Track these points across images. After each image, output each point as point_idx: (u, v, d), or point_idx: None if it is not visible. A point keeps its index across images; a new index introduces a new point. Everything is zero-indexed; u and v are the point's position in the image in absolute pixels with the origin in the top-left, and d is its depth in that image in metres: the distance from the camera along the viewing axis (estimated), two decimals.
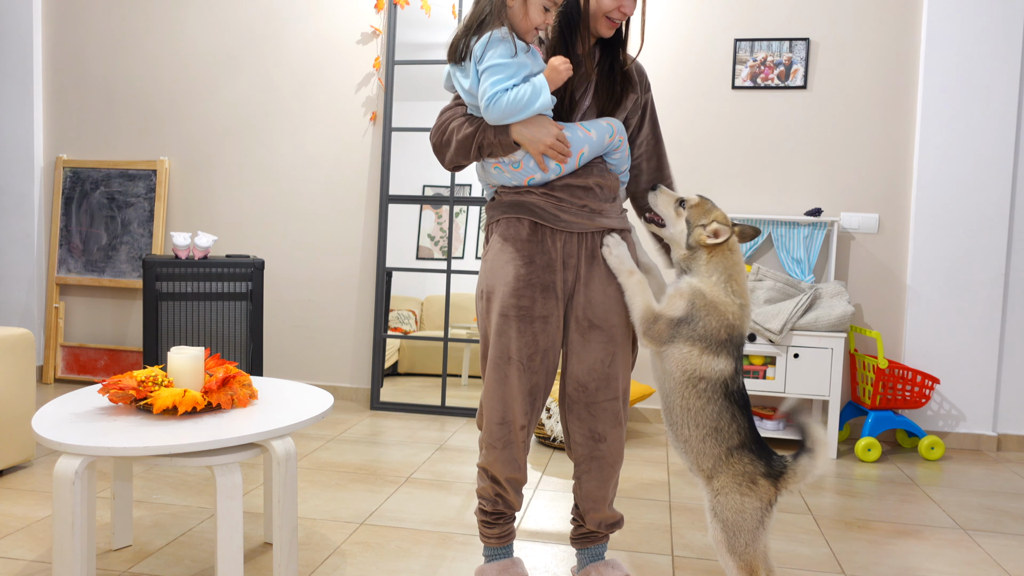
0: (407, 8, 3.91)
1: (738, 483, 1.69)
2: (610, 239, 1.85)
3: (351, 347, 4.07)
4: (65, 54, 4.29)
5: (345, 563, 2.10)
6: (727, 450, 1.70)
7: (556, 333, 1.87)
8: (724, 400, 1.71)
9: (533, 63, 1.74)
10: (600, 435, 1.89)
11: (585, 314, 1.86)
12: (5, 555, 2.08)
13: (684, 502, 2.68)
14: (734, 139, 3.70)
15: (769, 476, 1.69)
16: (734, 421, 1.71)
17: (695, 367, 1.71)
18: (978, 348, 3.51)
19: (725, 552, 1.70)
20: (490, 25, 1.72)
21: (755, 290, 3.41)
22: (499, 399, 1.85)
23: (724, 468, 1.71)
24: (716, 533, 1.71)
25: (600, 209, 1.86)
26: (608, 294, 1.86)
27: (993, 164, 3.46)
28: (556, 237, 1.84)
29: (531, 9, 1.73)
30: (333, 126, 4.04)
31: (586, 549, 2.00)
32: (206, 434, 1.71)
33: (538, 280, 1.84)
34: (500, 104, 1.68)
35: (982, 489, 2.96)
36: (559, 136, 1.74)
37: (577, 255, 1.85)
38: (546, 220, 1.83)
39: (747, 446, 1.71)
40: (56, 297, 4.28)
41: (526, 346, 1.83)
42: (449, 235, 3.97)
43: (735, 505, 1.69)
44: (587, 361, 1.87)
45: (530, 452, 3.24)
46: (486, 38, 1.70)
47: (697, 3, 3.69)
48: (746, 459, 1.70)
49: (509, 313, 1.83)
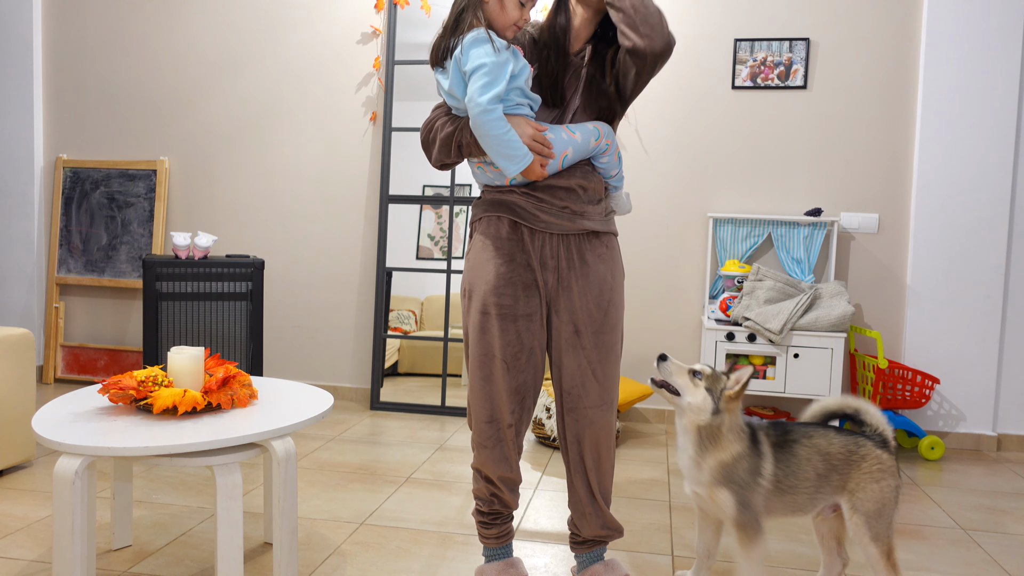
0: (407, 8, 3.91)
1: (868, 471, 1.77)
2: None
3: (351, 347, 4.07)
4: (65, 54, 4.29)
5: (345, 563, 2.10)
6: (835, 465, 1.78)
7: (541, 332, 1.87)
8: (799, 447, 1.79)
9: (514, 61, 1.70)
10: (585, 442, 1.88)
11: (569, 319, 1.85)
12: (5, 555, 2.08)
13: (684, 502, 2.68)
14: (734, 139, 3.70)
15: (882, 447, 1.79)
16: (818, 442, 1.79)
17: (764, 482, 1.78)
18: (978, 348, 3.51)
19: (868, 542, 1.76)
20: (467, 24, 1.70)
21: (755, 290, 3.41)
22: (486, 397, 1.85)
23: (846, 474, 1.78)
24: (858, 529, 1.77)
25: (582, 211, 1.84)
26: (589, 299, 1.84)
27: (993, 164, 3.46)
28: (535, 237, 1.83)
29: (507, 4, 1.71)
30: (333, 126, 4.04)
31: (584, 554, 2.00)
32: (206, 434, 1.70)
33: (519, 278, 1.83)
34: (490, 127, 1.66)
35: (982, 489, 2.96)
36: (535, 136, 1.72)
37: (557, 256, 1.84)
38: (525, 220, 1.82)
39: (843, 441, 1.80)
40: (56, 297, 4.28)
41: (509, 344, 1.83)
42: (449, 235, 3.97)
43: (875, 495, 1.76)
44: (570, 367, 1.86)
45: (531, 452, 3.24)
46: (468, 39, 1.67)
47: (697, 3, 3.69)
48: (856, 444, 1.79)
49: (490, 311, 1.83)
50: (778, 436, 1.80)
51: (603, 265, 1.87)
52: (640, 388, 3.47)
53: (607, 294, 1.86)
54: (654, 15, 1.69)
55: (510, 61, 1.69)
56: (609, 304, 1.86)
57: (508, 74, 1.67)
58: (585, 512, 1.93)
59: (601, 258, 1.87)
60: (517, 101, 1.74)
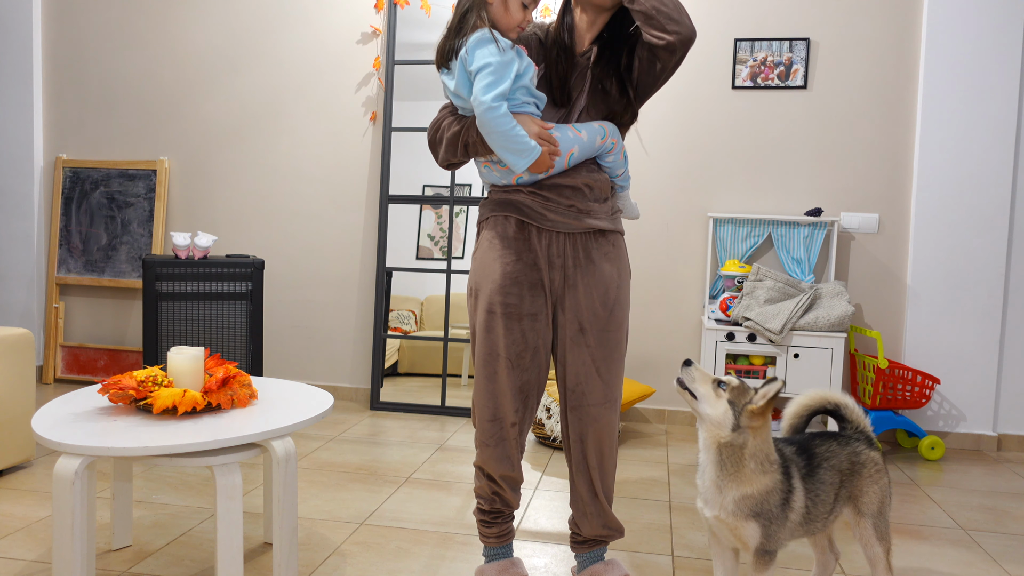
0: (407, 8, 3.91)
1: (868, 475, 1.77)
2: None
3: (351, 347, 4.07)
4: (65, 53, 4.29)
5: (345, 563, 2.10)
6: (844, 473, 1.76)
7: (546, 331, 1.87)
8: (822, 472, 1.74)
9: (519, 60, 1.72)
10: (588, 440, 1.88)
11: (574, 317, 1.85)
12: (5, 555, 2.08)
13: (684, 502, 2.68)
14: (734, 139, 3.70)
15: (870, 446, 1.80)
16: (833, 461, 1.76)
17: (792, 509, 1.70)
18: (978, 348, 3.51)
19: (875, 543, 1.77)
20: (472, 25, 1.72)
21: (755, 290, 3.41)
22: (489, 395, 1.86)
23: (853, 484, 1.77)
24: (865, 532, 1.77)
25: (588, 209, 1.85)
26: (595, 298, 1.85)
27: (993, 164, 3.46)
28: (542, 236, 1.84)
29: (511, 5, 1.73)
30: (333, 126, 4.04)
31: (585, 553, 2.00)
32: (206, 434, 1.70)
33: (525, 278, 1.84)
34: (496, 124, 1.66)
35: (982, 489, 2.96)
36: (541, 133, 1.73)
37: (563, 255, 1.85)
38: (532, 219, 1.83)
39: (846, 452, 1.77)
40: (56, 297, 4.28)
41: (514, 343, 1.83)
42: (449, 235, 3.97)
43: (876, 496, 1.77)
44: (574, 365, 1.87)
45: (531, 452, 3.24)
46: (473, 40, 1.69)
47: (697, 3, 3.69)
48: (854, 452, 1.78)
49: (496, 310, 1.84)
50: (805, 465, 1.71)
51: (609, 264, 1.87)
52: (640, 388, 3.47)
53: (613, 292, 1.87)
54: (676, 9, 1.71)
55: (515, 60, 1.70)
56: (615, 303, 1.87)
57: (513, 73, 1.68)
58: (587, 511, 1.93)
59: (607, 257, 1.87)
60: (523, 100, 1.75)
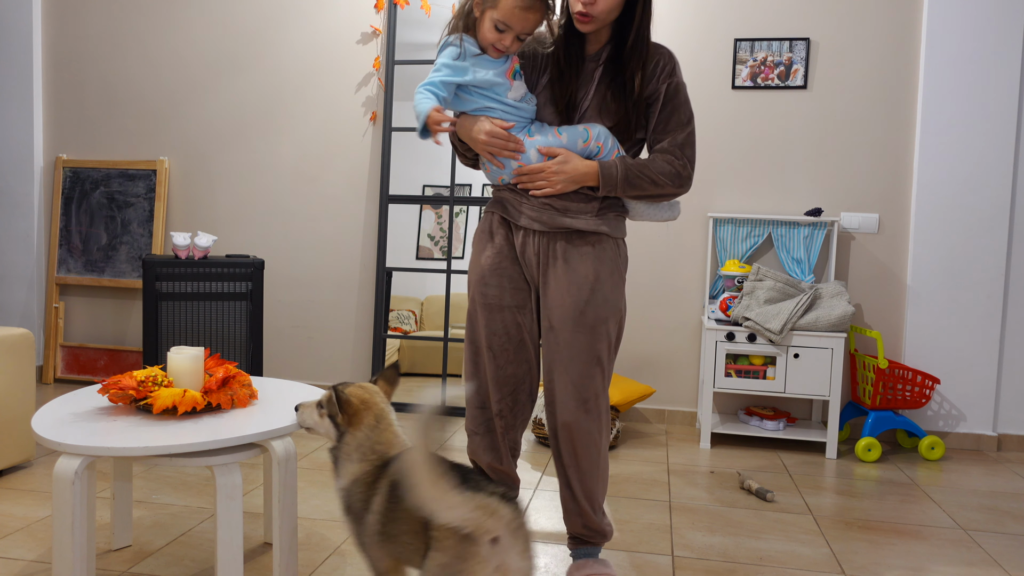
0: (407, 8, 3.91)
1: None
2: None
3: (351, 347, 4.07)
4: (65, 53, 4.29)
5: (345, 563, 2.10)
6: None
7: (532, 325, 1.92)
8: None
9: (481, 70, 1.79)
10: (559, 437, 1.89)
11: (547, 314, 1.88)
12: (5, 555, 2.08)
13: (684, 502, 2.68)
14: (734, 139, 3.70)
15: None
16: None
17: None
18: (978, 348, 3.51)
19: None
20: (455, 28, 1.83)
21: (755, 290, 3.41)
22: (475, 384, 1.92)
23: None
24: None
25: (565, 209, 1.85)
26: (565, 297, 1.84)
27: (993, 164, 3.46)
28: (518, 233, 1.90)
29: (484, 25, 1.79)
30: (333, 126, 4.04)
31: (577, 549, 2.01)
32: (206, 434, 1.70)
33: (505, 271, 1.89)
34: (415, 103, 1.80)
35: (982, 489, 2.96)
36: (491, 132, 1.79)
37: (538, 253, 1.88)
38: (510, 215, 1.90)
39: None
40: (56, 297, 4.28)
41: (495, 334, 1.88)
42: (449, 235, 3.97)
43: None
44: (545, 362, 1.91)
45: (531, 452, 3.24)
46: (441, 44, 1.81)
47: (697, 3, 3.69)
48: None
49: (477, 300, 1.91)
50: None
51: (586, 265, 1.84)
52: (640, 388, 3.47)
53: (586, 294, 1.83)
54: (669, 190, 1.86)
55: (468, 69, 1.79)
56: (587, 304, 1.83)
57: (461, 75, 1.78)
58: (568, 507, 1.96)
59: (585, 257, 1.85)
60: (483, 105, 1.83)
